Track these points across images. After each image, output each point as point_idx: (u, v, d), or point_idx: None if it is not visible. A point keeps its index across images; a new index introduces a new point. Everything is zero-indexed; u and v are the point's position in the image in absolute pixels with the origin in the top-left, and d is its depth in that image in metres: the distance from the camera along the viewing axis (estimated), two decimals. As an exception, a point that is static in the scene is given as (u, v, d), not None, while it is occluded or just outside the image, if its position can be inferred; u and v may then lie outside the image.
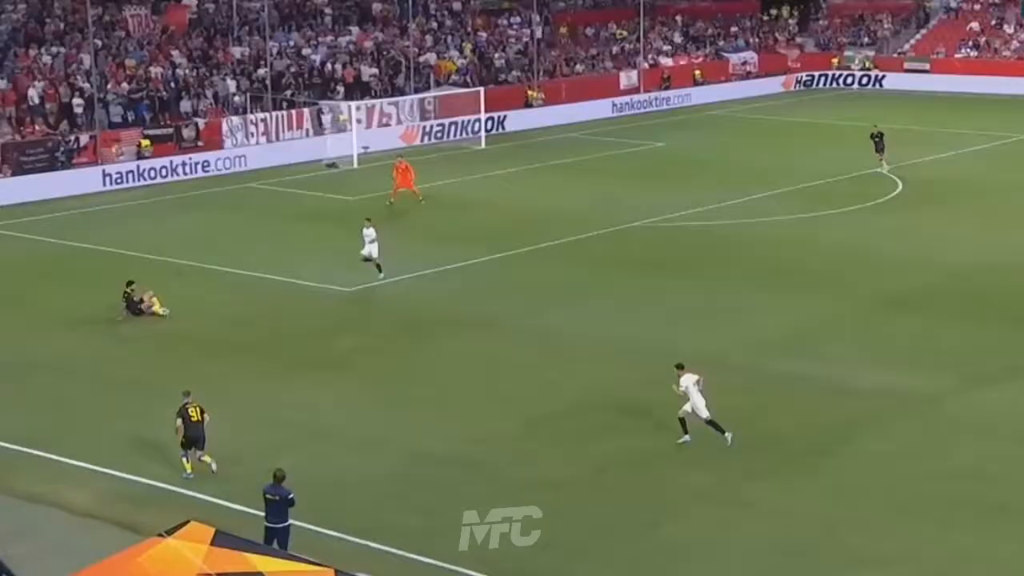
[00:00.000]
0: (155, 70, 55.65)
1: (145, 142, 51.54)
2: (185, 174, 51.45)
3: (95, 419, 25.53)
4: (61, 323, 32.35)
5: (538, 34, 70.20)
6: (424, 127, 59.93)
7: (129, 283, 32.52)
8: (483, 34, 70.26)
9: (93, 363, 29.44)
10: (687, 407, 23.86)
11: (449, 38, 68.31)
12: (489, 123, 61.11)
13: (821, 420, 25.53)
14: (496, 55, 68.33)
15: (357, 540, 20.39)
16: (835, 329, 31.48)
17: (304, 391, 27.48)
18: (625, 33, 75.72)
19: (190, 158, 52.10)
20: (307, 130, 56.42)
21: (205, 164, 52.33)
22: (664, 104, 71.03)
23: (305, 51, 61.87)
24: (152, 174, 50.69)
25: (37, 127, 50.72)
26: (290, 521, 19.40)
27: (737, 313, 32.63)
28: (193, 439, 22.88)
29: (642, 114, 68.85)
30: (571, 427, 24.80)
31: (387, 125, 58.82)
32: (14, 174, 48.14)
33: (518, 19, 72.93)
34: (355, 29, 65.75)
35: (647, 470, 23.25)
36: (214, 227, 43.45)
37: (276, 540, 19.08)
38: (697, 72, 74.96)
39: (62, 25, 56.86)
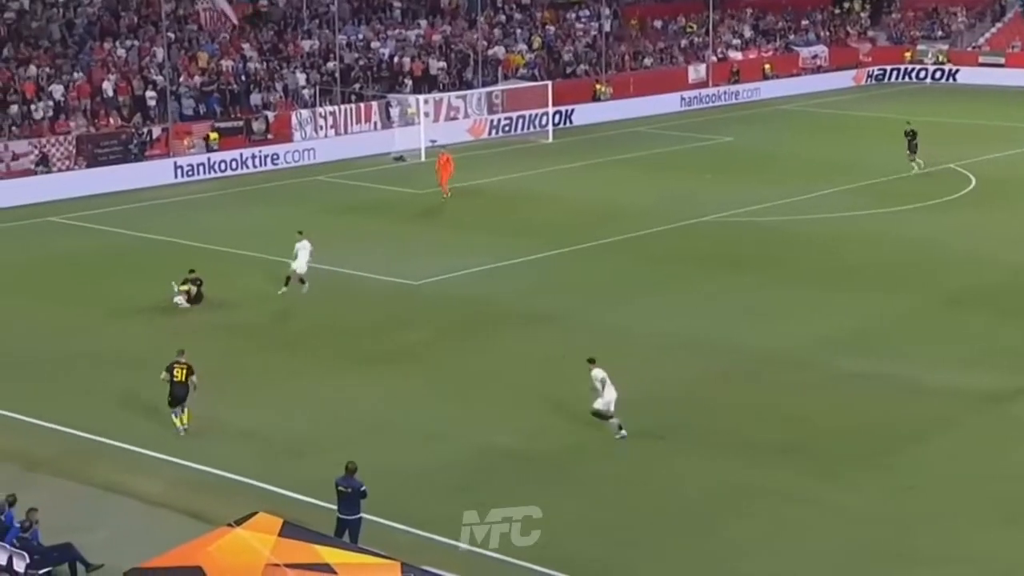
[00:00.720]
0: (226, 63, 56.29)
1: (213, 135, 52.12)
2: (255, 167, 52.00)
3: (163, 408, 25.88)
4: (130, 313, 32.77)
5: (607, 27, 70.03)
6: (492, 121, 60.08)
7: (190, 271, 33.09)
8: (551, 28, 70.25)
9: (161, 353, 29.60)
10: (598, 403, 23.93)
11: (517, 31, 68.38)
12: (557, 117, 61.09)
13: (886, 418, 25.37)
14: (564, 49, 68.30)
15: (422, 533, 20.50)
16: (900, 327, 31.23)
17: (367, 384, 27.67)
18: (694, 27, 75.37)
19: (260, 151, 52.62)
20: (375, 123, 56.80)
21: (274, 157, 52.84)
22: (733, 98, 70.67)
23: (374, 44, 62.22)
24: (223, 166, 51.29)
25: (111, 119, 51.51)
26: (362, 513, 19.53)
27: (801, 310, 32.47)
28: (176, 397, 24.32)
29: (710, 108, 68.57)
30: (633, 423, 24.76)
31: (455, 119, 59.02)
32: (88, 166, 48.92)
33: (587, 12, 72.84)
34: (424, 22, 66.05)
35: (712, 466, 23.22)
36: (282, 219, 43.61)
37: (348, 532, 19.18)
38: (767, 66, 74.52)
39: (136, 19, 57.61)
